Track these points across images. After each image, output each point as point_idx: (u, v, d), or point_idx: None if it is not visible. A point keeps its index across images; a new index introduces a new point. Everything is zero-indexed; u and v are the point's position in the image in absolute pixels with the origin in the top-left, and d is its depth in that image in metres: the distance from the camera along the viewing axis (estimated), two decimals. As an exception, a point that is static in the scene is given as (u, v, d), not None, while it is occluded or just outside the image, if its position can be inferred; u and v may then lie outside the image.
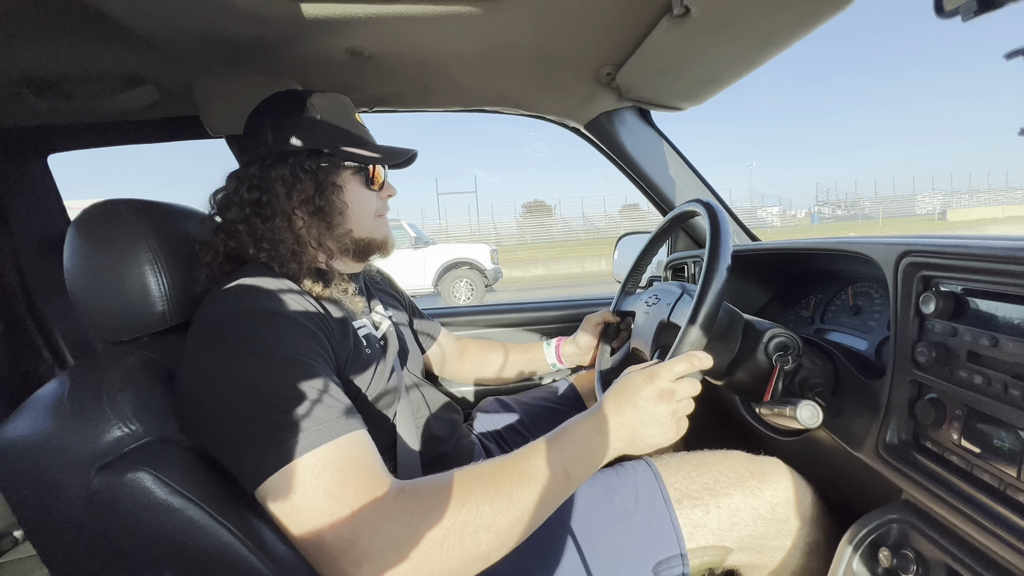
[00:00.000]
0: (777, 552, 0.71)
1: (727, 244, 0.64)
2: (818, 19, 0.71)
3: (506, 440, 1.00)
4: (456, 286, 7.93)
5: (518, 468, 0.55)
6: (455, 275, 7.97)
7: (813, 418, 0.60)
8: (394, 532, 0.48)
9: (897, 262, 0.60)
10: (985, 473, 0.50)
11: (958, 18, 0.42)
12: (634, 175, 1.31)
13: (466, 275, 7.99)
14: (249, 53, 0.85)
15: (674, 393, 0.59)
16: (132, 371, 0.55)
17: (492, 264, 8.05)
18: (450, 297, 7.84)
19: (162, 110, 1.06)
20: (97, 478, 0.47)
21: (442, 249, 8.21)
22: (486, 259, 8.03)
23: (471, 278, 7.99)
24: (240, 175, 0.72)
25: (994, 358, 0.50)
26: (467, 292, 7.94)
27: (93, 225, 0.62)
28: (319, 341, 0.60)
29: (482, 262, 8.01)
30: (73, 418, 0.49)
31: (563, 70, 1.04)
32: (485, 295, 8.02)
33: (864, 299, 0.84)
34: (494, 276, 8.10)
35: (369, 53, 0.90)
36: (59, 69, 0.85)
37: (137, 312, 0.62)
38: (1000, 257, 0.48)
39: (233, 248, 0.69)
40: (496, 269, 8.17)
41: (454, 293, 7.90)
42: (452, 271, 7.98)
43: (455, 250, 8.17)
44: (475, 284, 7.99)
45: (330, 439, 0.51)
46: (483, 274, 8.00)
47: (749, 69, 0.91)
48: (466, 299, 7.84)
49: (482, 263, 8.01)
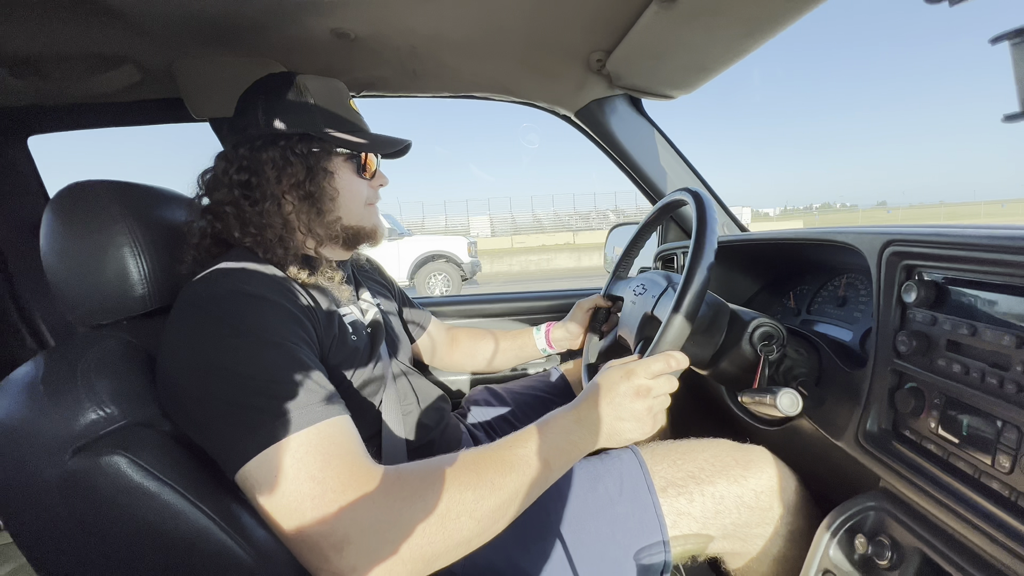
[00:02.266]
0: (759, 539, 0.71)
1: (712, 239, 0.63)
2: (806, 5, 0.70)
3: (495, 429, 1.00)
4: (432, 280, 7.78)
5: (501, 457, 0.55)
6: (431, 268, 7.79)
7: (793, 406, 0.60)
8: (376, 517, 0.48)
9: (881, 251, 0.60)
10: (961, 461, 0.50)
11: (945, 3, 0.42)
12: (625, 164, 1.30)
13: (443, 268, 7.81)
14: (232, 33, 0.83)
15: (650, 390, 0.60)
16: (109, 354, 0.54)
17: (470, 257, 7.90)
18: (425, 291, 7.67)
19: (144, 92, 1.04)
20: (72, 461, 0.46)
21: (418, 241, 8.00)
22: (463, 252, 7.86)
23: (447, 271, 7.81)
24: (229, 156, 0.71)
25: (972, 347, 0.50)
26: (443, 286, 7.77)
27: (69, 206, 0.60)
28: (303, 326, 0.60)
29: (459, 255, 7.84)
30: (47, 401, 0.49)
31: (553, 55, 1.02)
32: (462, 288, 7.86)
33: (850, 290, 0.85)
34: (471, 269, 7.95)
35: (355, 35, 0.88)
36: (36, 48, 0.83)
37: (116, 295, 0.61)
38: (980, 245, 0.48)
39: (220, 230, 0.68)
40: (474, 262, 8.03)
41: (429, 287, 7.75)
42: (428, 264, 7.79)
43: (431, 242, 7.99)
44: (451, 278, 7.82)
45: (312, 423, 0.50)
46: (460, 267, 7.83)
47: (739, 56, 0.90)
48: (441, 293, 7.68)
49: (459, 256, 7.84)
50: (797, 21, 0.73)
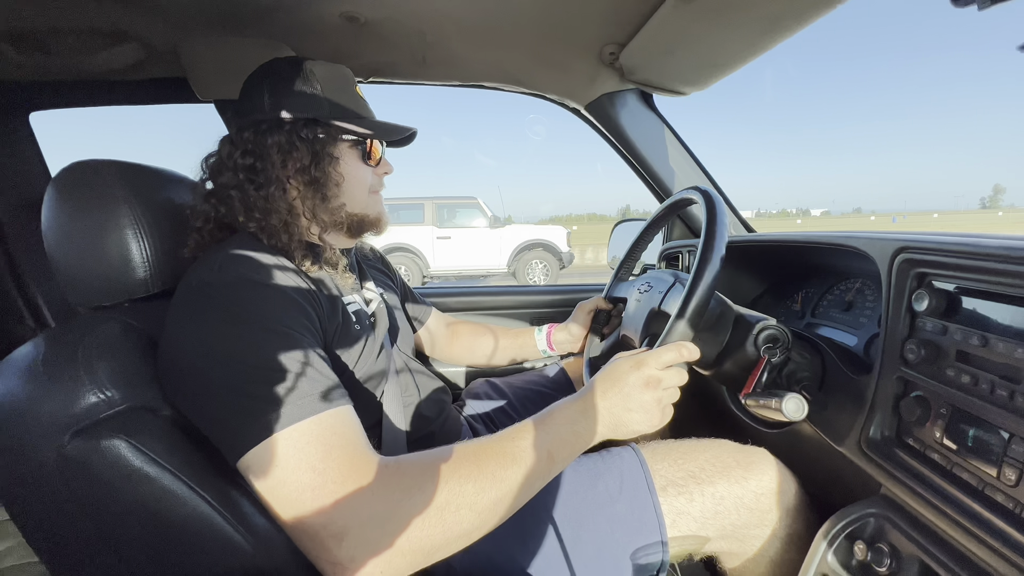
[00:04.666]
0: (757, 540, 0.72)
1: (723, 235, 0.63)
2: (828, 2, 0.69)
3: (495, 422, 1.00)
4: (531, 267, 7.80)
5: (502, 448, 0.54)
6: (531, 256, 7.79)
7: (798, 411, 0.60)
8: (376, 508, 0.48)
9: (892, 258, 0.60)
10: (965, 472, 0.50)
11: (974, 7, 0.41)
12: (633, 160, 1.29)
13: (542, 256, 7.80)
14: (240, 14, 0.82)
15: (660, 381, 0.59)
16: (111, 337, 0.54)
17: (567, 247, 7.91)
18: (524, 278, 7.67)
19: (149, 70, 1.02)
20: (71, 444, 0.46)
21: (519, 230, 7.92)
22: (562, 241, 7.87)
23: (547, 260, 7.81)
24: (234, 139, 0.70)
25: (983, 358, 0.49)
26: (542, 275, 7.76)
27: (72, 185, 0.59)
28: (306, 314, 0.59)
29: (558, 244, 7.85)
30: (47, 382, 0.48)
31: (566, 47, 1.01)
32: (559, 278, 7.84)
33: (856, 295, 0.84)
34: (569, 259, 7.97)
35: (365, 19, 0.86)
36: (40, 23, 0.81)
37: (117, 277, 0.60)
38: (996, 256, 0.48)
39: (224, 215, 0.67)
40: (570, 252, 8.02)
41: (529, 275, 7.73)
42: (526, 252, 7.79)
43: (532, 231, 7.95)
44: (551, 267, 7.83)
45: (314, 413, 0.50)
46: (559, 257, 7.84)
47: (755, 54, 0.89)
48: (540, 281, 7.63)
49: (558, 245, 7.85)
50: (817, 20, 0.72)
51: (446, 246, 7.59)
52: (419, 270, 7.57)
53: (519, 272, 7.74)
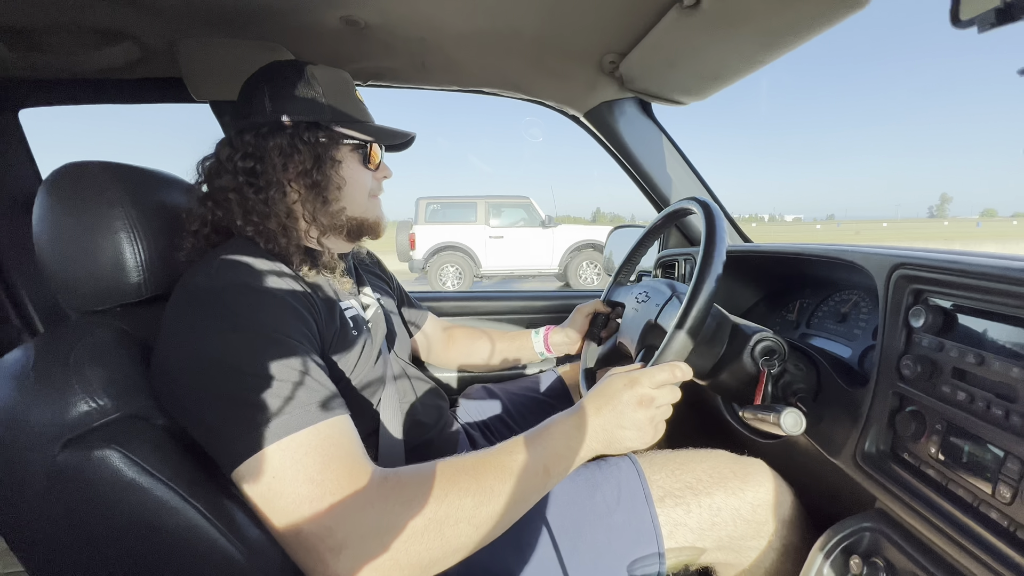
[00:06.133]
0: (753, 552, 0.72)
1: (721, 251, 0.62)
2: (830, 19, 0.70)
3: (491, 429, 0.99)
4: (583, 268, 7.62)
5: (500, 462, 0.54)
6: (583, 257, 7.62)
7: (796, 426, 0.60)
8: (374, 521, 0.47)
9: (890, 274, 0.60)
10: (960, 488, 0.50)
11: (974, 28, 0.41)
12: (631, 168, 1.30)
13: (592, 258, 7.59)
14: (239, 15, 0.81)
15: (653, 400, 0.59)
16: (103, 343, 0.53)
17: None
18: (576, 279, 7.54)
19: (144, 70, 1.01)
20: (61, 454, 0.45)
21: (570, 230, 7.76)
22: None
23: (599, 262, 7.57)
24: (234, 142, 0.69)
25: (979, 376, 0.50)
26: (594, 275, 7.59)
27: (65, 187, 0.58)
28: (304, 321, 0.59)
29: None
30: (38, 390, 0.47)
31: (565, 56, 1.01)
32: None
33: (851, 306, 0.85)
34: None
35: (365, 23, 0.86)
36: (31, 19, 0.80)
37: (110, 281, 0.59)
38: (993, 276, 0.48)
39: (221, 218, 0.66)
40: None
41: (581, 276, 7.62)
42: (579, 252, 7.63)
43: (584, 231, 7.80)
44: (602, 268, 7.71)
45: (312, 423, 0.49)
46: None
47: (755, 66, 0.89)
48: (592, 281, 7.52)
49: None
50: (819, 35, 0.72)
51: (498, 246, 7.45)
52: (471, 270, 7.41)
53: (571, 274, 7.58)
